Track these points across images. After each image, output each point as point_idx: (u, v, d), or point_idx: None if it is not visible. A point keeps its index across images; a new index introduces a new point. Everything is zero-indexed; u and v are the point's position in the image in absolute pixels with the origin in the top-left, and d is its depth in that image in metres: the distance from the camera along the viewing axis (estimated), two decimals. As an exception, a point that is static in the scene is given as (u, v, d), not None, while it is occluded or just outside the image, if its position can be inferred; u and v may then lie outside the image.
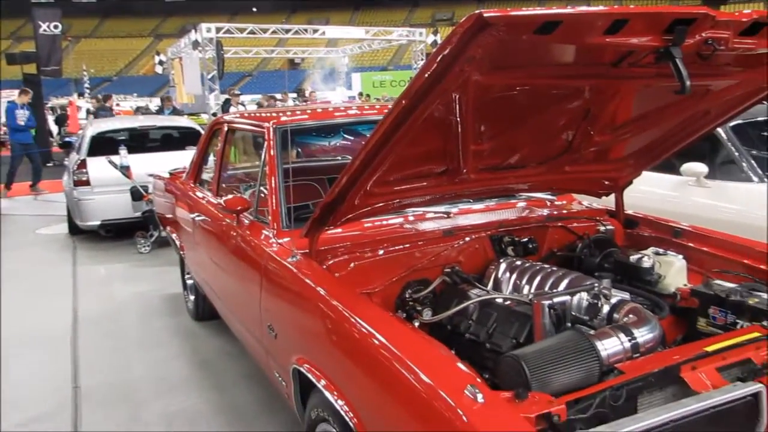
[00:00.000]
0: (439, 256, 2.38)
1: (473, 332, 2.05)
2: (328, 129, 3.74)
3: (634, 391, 1.44)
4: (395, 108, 1.61)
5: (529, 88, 1.84)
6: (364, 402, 1.61)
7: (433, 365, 1.43)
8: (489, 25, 1.31)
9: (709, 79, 1.99)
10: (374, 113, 3.15)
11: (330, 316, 1.80)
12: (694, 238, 2.53)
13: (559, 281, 2.10)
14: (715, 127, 2.37)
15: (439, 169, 2.14)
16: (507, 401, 1.31)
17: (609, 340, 1.65)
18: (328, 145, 4.14)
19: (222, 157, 3.42)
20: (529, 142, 2.19)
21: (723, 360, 1.57)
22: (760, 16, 1.55)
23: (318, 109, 3.43)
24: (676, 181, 3.89)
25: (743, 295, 1.97)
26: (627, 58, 1.70)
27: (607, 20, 1.40)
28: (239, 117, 3.49)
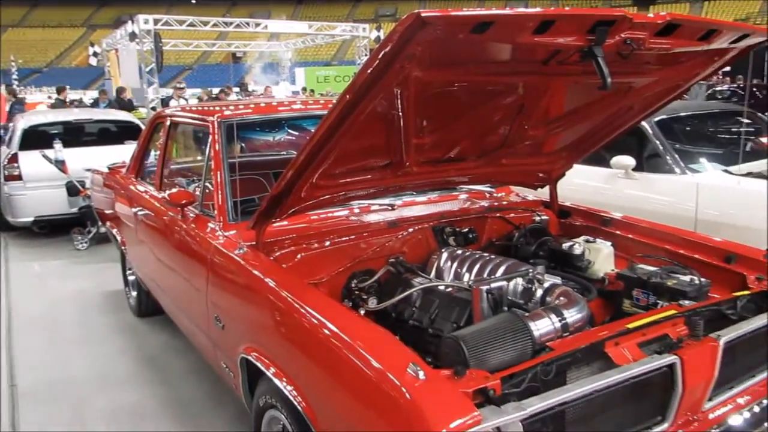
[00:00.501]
0: (384, 247, 2.46)
1: (416, 318, 2.13)
2: (273, 123, 3.75)
3: (563, 366, 1.56)
4: (340, 102, 1.67)
5: (467, 84, 1.94)
6: (312, 386, 1.67)
7: (376, 347, 1.50)
8: (427, 24, 1.38)
9: (631, 77, 2.14)
10: (318, 108, 3.20)
11: (278, 305, 1.84)
12: (621, 227, 2.71)
13: (496, 268, 2.22)
14: (638, 121, 2.54)
15: (383, 162, 2.21)
16: (447, 378, 1.40)
17: (541, 320, 1.77)
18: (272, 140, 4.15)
19: (165, 151, 3.38)
20: (467, 136, 2.29)
21: (643, 336, 1.72)
22: (673, 18, 1.69)
23: (262, 104, 3.43)
24: (606, 173, 4.11)
25: (663, 277, 2.13)
26: (555, 56, 1.82)
27: (535, 21, 1.51)
28: (182, 111, 3.45)
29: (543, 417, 1.42)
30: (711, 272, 2.21)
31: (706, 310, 1.89)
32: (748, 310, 1.95)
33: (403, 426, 1.31)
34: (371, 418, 1.41)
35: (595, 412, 1.54)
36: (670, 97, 2.38)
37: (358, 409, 1.46)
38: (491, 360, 1.57)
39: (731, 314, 1.91)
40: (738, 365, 1.85)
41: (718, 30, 1.85)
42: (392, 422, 1.35)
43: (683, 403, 1.66)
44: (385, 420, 1.37)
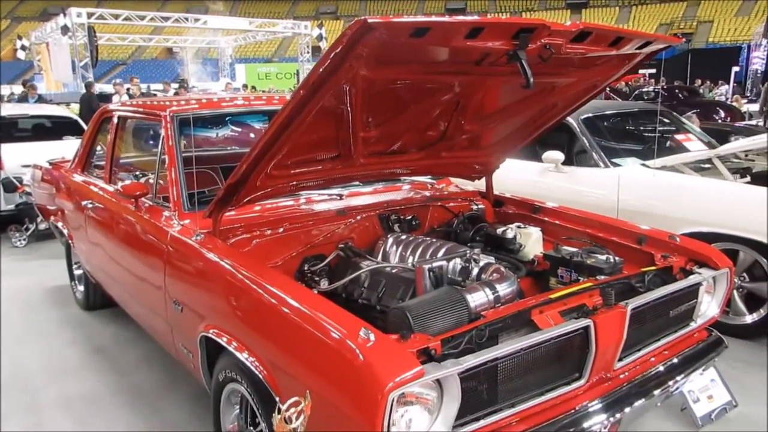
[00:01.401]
0: (334, 234, 2.63)
1: (365, 297, 2.32)
2: (222, 118, 3.84)
3: (494, 331, 1.78)
4: (294, 98, 1.83)
5: (409, 82, 2.13)
6: (272, 356, 1.82)
7: (331, 317, 1.68)
8: (373, 29, 1.57)
9: (554, 77, 2.40)
10: (265, 104, 3.34)
11: (240, 284, 1.98)
12: (549, 214, 2.98)
13: (437, 250, 2.43)
14: (562, 117, 2.79)
15: (332, 154, 2.38)
16: (395, 341, 1.60)
17: (477, 293, 1.99)
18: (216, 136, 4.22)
19: (113, 145, 3.43)
20: (409, 130, 2.49)
21: (564, 305, 1.96)
22: (585, 27, 1.94)
23: (213, 99, 3.53)
24: (539, 167, 4.43)
25: (583, 257, 2.39)
26: (486, 58, 2.04)
27: (467, 27, 1.72)
28: (131, 106, 3.51)
29: (477, 372, 1.64)
30: (625, 252, 2.49)
31: (618, 283, 2.16)
32: (654, 283, 2.23)
33: (357, 382, 1.49)
34: (329, 378, 1.58)
35: (522, 369, 1.77)
36: (589, 95, 2.66)
37: (316, 372, 1.63)
38: (433, 326, 1.77)
39: (640, 287, 2.19)
40: (644, 330, 2.13)
41: (625, 37, 2.12)
42: (348, 380, 1.52)
43: (597, 362, 1.92)
44: (341, 379, 1.55)
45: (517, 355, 1.73)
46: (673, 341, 2.27)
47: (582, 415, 1.92)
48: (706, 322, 2.40)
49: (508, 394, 1.75)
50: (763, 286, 3.43)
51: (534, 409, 1.82)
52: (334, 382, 1.57)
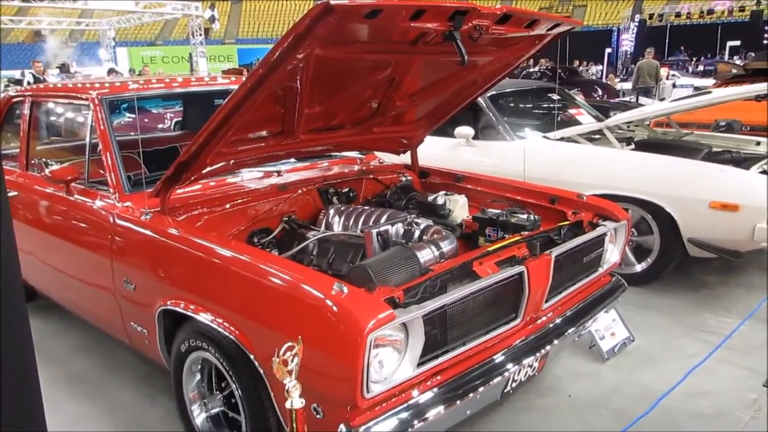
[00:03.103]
0: (277, 208, 2.75)
1: (316, 264, 2.47)
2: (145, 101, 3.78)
3: (443, 281, 2.00)
4: (252, 76, 1.93)
5: (354, 60, 2.29)
6: (245, 317, 1.93)
7: (304, 275, 1.83)
8: (333, 11, 1.72)
9: (476, 56, 2.65)
10: (181, 86, 3.36)
11: (205, 255, 2.07)
12: (471, 181, 3.26)
13: (379, 217, 2.62)
14: (480, 93, 3.07)
15: (277, 130, 2.50)
16: (365, 292, 1.78)
17: (424, 250, 2.21)
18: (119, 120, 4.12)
19: (28, 131, 3.29)
20: (347, 106, 2.65)
21: (498, 257, 2.23)
22: (508, 10, 2.20)
23: (139, 81, 3.47)
24: (451, 142, 4.73)
25: (507, 216, 2.68)
26: (422, 38, 2.24)
27: (411, 10, 1.91)
28: (47, 90, 3.37)
29: (433, 317, 1.86)
30: (540, 211, 2.81)
31: (540, 236, 2.47)
32: (568, 236, 2.56)
33: (338, 329, 1.66)
34: (309, 329, 1.72)
35: (468, 312, 2.01)
36: (504, 73, 2.94)
37: (296, 326, 1.76)
38: (391, 281, 1.97)
39: (557, 239, 2.51)
40: (563, 275, 2.46)
41: (539, 20, 2.41)
42: (328, 329, 1.68)
43: (529, 303, 2.21)
44: (321, 329, 1.70)
45: (465, 300, 1.97)
46: (585, 284, 2.62)
47: (519, 349, 2.21)
48: (611, 267, 2.78)
49: (460, 335, 2.00)
50: (650, 239, 3.95)
51: (480, 347, 2.08)
52: (314, 333, 1.72)
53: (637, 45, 23.30)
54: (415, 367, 1.81)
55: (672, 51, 26.21)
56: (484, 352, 2.12)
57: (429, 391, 1.89)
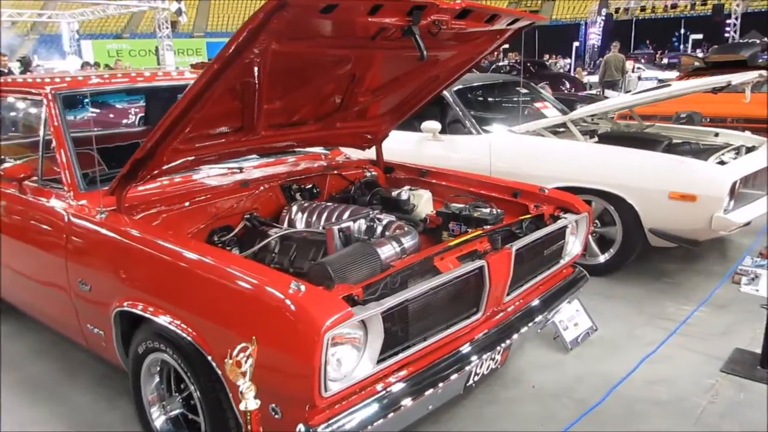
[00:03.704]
0: (239, 205, 2.71)
1: (278, 262, 2.44)
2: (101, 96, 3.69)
3: (404, 277, 2.00)
4: (208, 71, 1.89)
5: (313, 55, 2.26)
6: (201, 318, 1.90)
7: (261, 274, 1.80)
8: (288, 5, 1.69)
9: (438, 51, 2.64)
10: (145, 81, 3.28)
11: (163, 253, 2.02)
12: (435, 176, 3.27)
13: (342, 213, 2.61)
14: (444, 88, 3.07)
15: (236, 126, 2.46)
16: (323, 290, 1.77)
17: (385, 246, 2.21)
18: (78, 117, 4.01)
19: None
20: (309, 102, 2.63)
21: (460, 251, 2.24)
22: (467, 5, 2.19)
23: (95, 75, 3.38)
24: (418, 137, 4.73)
25: (470, 211, 2.69)
26: (381, 33, 2.22)
27: (369, 5, 1.89)
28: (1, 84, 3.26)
29: (393, 313, 1.85)
30: (503, 204, 2.83)
31: (502, 230, 2.48)
32: (530, 229, 2.58)
33: (295, 328, 1.64)
34: (266, 329, 1.70)
35: (430, 308, 2.01)
36: (466, 68, 2.95)
37: (253, 325, 1.74)
38: (351, 278, 1.95)
39: (519, 232, 2.53)
40: (525, 268, 2.48)
41: (498, 14, 2.41)
42: (286, 328, 1.66)
43: (490, 297, 2.22)
44: (279, 328, 1.68)
45: (425, 295, 1.97)
46: (547, 277, 2.65)
47: (481, 342, 2.23)
48: (572, 258, 2.82)
49: (421, 330, 2.00)
50: (612, 230, 4.01)
51: (442, 342, 2.09)
52: (271, 332, 1.70)
53: (604, 39, 23.63)
54: (375, 364, 1.80)
55: (638, 44, 26.68)
56: (446, 346, 2.12)
57: (390, 388, 1.89)
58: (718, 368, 2.96)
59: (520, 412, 2.66)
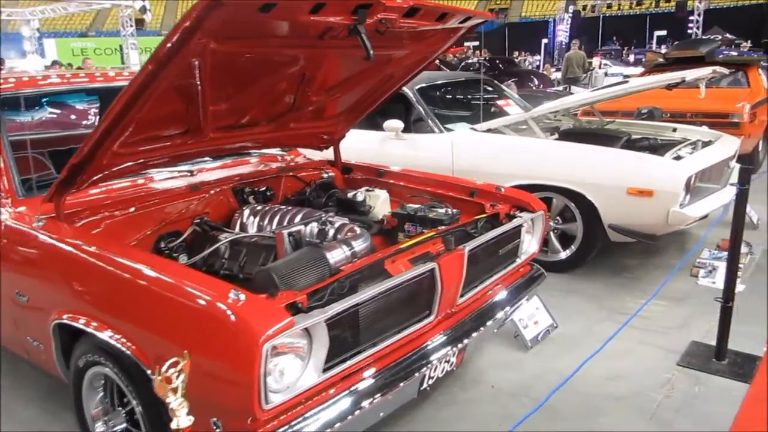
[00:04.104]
0: (188, 210, 2.64)
1: (227, 268, 2.38)
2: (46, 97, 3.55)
3: (354, 281, 1.96)
4: (142, 72, 1.82)
5: (258, 55, 2.20)
6: (140, 330, 1.83)
7: (200, 284, 1.74)
8: (222, 5, 1.63)
9: (390, 50, 2.60)
10: (88, 81, 3.18)
11: (100, 265, 1.94)
12: (393, 177, 3.23)
13: (294, 216, 2.55)
14: (400, 87, 3.02)
15: (182, 129, 2.38)
16: (264, 299, 1.71)
17: (335, 251, 2.16)
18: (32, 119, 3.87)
19: None
20: (258, 103, 2.56)
21: (412, 254, 2.21)
22: (415, 3, 2.15)
23: (35, 77, 3.26)
24: (381, 136, 4.69)
25: (425, 211, 2.66)
26: (329, 32, 2.18)
27: (310, 4, 1.84)
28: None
29: (341, 319, 1.81)
30: (460, 204, 2.81)
31: (456, 230, 2.46)
32: (486, 228, 2.56)
33: (233, 339, 1.58)
34: (205, 341, 1.65)
35: (380, 312, 1.98)
36: (421, 66, 2.91)
37: (192, 337, 1.68)
38: (298, 284, 1.91)
39: (474, 232, 2.51)
40: (480, 268, 2.46)
41: (449, 13, 2.38)
42: (224, 339, 1.61)
43: (443, 299, 2.19)
44: (217, 339, 1.62)
45: (375, 300, 1.93)
46: (503, 276, 2.64)
47: (434, 346, 2.20)
48: (529, 257, 2.81)
49: (370, 336, 1.96)
50: (573, 226, 4.03)
51: (394, 346, 2.05)
52: (210, 343, 1.64)
53: (571, 36, 23.90)
54: (320, 373, 1.76)
55: (605, 41, 27.05)
56: (398, 350, 2.09)
57: (338, 397, 1.84)
58: (675, 362, 2.99)
59: (478, 412, 2.65)
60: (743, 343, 3.06)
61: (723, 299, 2.88)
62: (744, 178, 2.68)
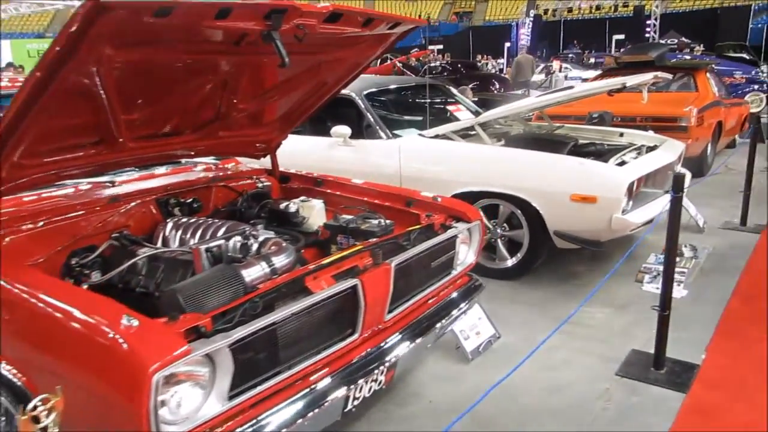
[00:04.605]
0: (107, 223, 2.49)
1: (143, 285, 2.24)
2: None
3: (269, 301, 1.85)
4: (29, 80, 1.69)
5: (169, 62, 2.09)
6: (30, 359, 1.70)
7: (90, 309, 1.61)
8: (108, 9, 1.51)
9: (318, 56, 2.52)
10: None
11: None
12: (331, 186, 3.14)
13: (217, 230, 2.43)
14: (335, 93, 2.94)
15: (93, 139, 2.25)
16: (161, 324, 1.60)
17: (252, 268, 2.05)
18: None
19: None
20: (179, 111, 2.44)
21: (337, 269, 2.11)
22: (335, 9, 2.07)
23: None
24: (328, 142, 4.59)
25: (358, 223, 2.58)
26: (245, 38, 2.08)
27: (215, 8, 1.74)
28: None
29: (253, 341, 1.71)
30: (396, 215, 2.74)
31: (386, 243, 2.37)
32: (419, 240, 2.48)
33: (122, 369, 1.47)
34: (94, 370, 1.53)
35: (299, 332, 1.88)
36: (355, 72, 2.84)
37: (81, 366, 1.56)
38: (207, 305, 1.80)
39: (406, 244, 2.43)
40: (411, 282, 2.38)
41: (375, 18, 2.30)
42: (113, 369, 1.49)
43: (367, 316, 2.10)
44: (107, 369, 1.51)
45: (291, 319, 1.83)
46: (438, 289, 2.57)
47: (359, 365, 2.11)
48: (466, 268, 2.75)
49: (288, 357, 1.86)
50: (520, 233, 4.00)
51: (314, 367, 1.96)
52: (99, 373, 1.53)
53: (533, 39, 24.22)
54: (225, 402, 1.65)
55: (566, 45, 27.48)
56: (320, 371, 2.00)
57: (249, 424, 1.74)
58: (614, 371, 2.96)
59: (413, 429, 2.57)
60: (683, 351, 3.06)
61: (660, 307, 2.86)
62: (678, 186, 2.66)
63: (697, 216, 5.06)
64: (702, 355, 3.05)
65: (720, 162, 7.66)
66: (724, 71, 12.59)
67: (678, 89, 7.00)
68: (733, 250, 4.61)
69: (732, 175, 6.79)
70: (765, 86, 13.07)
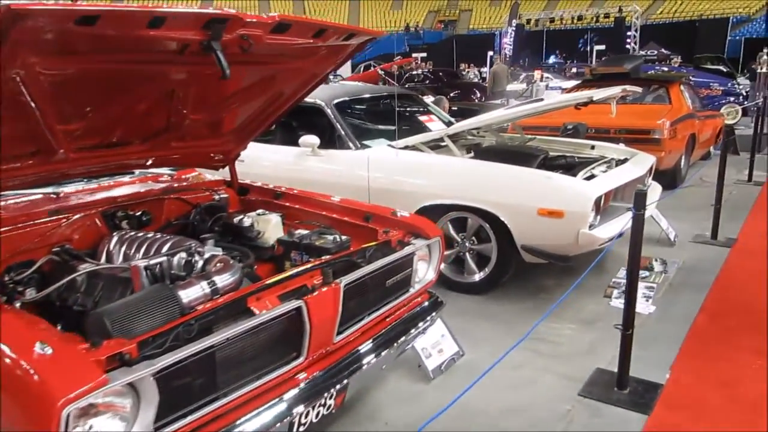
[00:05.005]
0: (48, 237, 2.38)
1: (81, 303, 2.13)
2: None
3: (206, 324, 1.75)
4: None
5: (105, 72, 1.99)
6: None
7: (4, 333, 1.51)
8: (23, 16, 1.42)
9: (270, 67, 2.44)
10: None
11: None
12: (290, 199, 3.05)
13: (162, 246, 2.33)
14: (293, 104, 2.86)
15: (30, 150, 2.15)
16: (81, 351, 1.50)
17: (191, 288, 1.94)
18: None
19: None
20: (123, 121, 2.35)
21: (284, 288, 2.02)
22: (282, 19, 1.99)
23: None
24: (297, 152, 4.50)
25: (313, 238, 2.49)
26: (188, 48, 1.99)
27: (146, 17, 1.65)
28: None
29: (185, 368, 1.61)
30: (354, 230, 2.65)
31: (339, 261, 2.29)
32: (375, 257, 2.40)
33: (30, 401, 1.37)
34: (10, 402, 1.42)
35: (239, 356, 1.79)
36: (313, 83, 2.76)
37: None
38: (137, 328, 1.69)
39: (361, 262, 2.34)
40: (364, 302, 2.30)
41: (327, 30, 2.23)
42: (22, 400, 1.40)
43: (313, 339, 2.01)
44: (15, 400, 1.41)
45: (230, 343, 1.74)
46: (394, 307, 2.48)
47: (306, 390, 2.02)
48: (425, 286, 2.67)
49: (225, 383, 1.77)
50: (488, 247, 3.93)
51: (255, 392, 1.87)
52: (13, 403, 1.43)
53: (515, 49, 24.36)
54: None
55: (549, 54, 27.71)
56: (261, 396, 1.90)
57: (177, 456, 1.64)
58: (577, 391, 2.90)
59: (367, 453, 2.49)
60: (648, 370, 3.00)
61: (623, 327, 2.81)
62: (639, 203, 2.62)
63: (668, 229, 5.05)
64: (666, 374, 3.00)
65: (694, 174, 7.70)
66: (701, 83, 12.75)
67: (652, 101, 7.03)
68: (703, 264, 4.59)
69: (705, 188, 6.81)
70: (741, 98, 13.25)
